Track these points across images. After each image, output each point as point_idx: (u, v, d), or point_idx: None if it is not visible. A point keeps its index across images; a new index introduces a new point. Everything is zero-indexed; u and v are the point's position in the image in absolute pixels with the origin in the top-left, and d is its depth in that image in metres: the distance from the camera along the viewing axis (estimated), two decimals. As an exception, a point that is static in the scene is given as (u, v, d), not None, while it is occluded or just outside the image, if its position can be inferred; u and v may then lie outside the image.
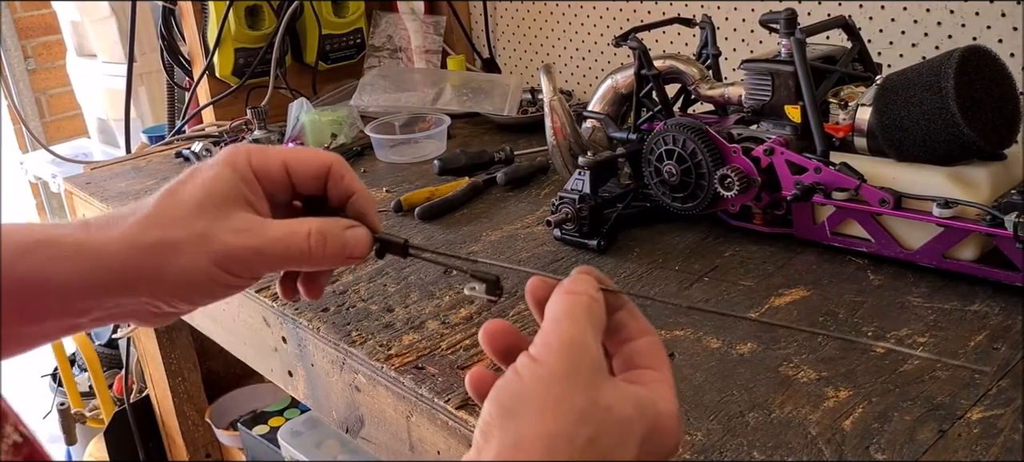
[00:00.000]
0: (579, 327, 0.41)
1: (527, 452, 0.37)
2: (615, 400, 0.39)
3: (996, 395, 0.58)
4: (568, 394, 0.38)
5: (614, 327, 0.44)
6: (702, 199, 0.83)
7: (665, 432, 0.41)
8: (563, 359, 0.39)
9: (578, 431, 0.38)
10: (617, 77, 0.96)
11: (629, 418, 0.39)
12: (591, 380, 0.39)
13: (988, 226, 0.68)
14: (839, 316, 0.69)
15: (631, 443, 0.39)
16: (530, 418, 0.38)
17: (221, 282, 0.48)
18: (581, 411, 0.38)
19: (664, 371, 0.43)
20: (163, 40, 1.49)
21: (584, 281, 0.43)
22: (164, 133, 1.59)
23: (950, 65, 0.70)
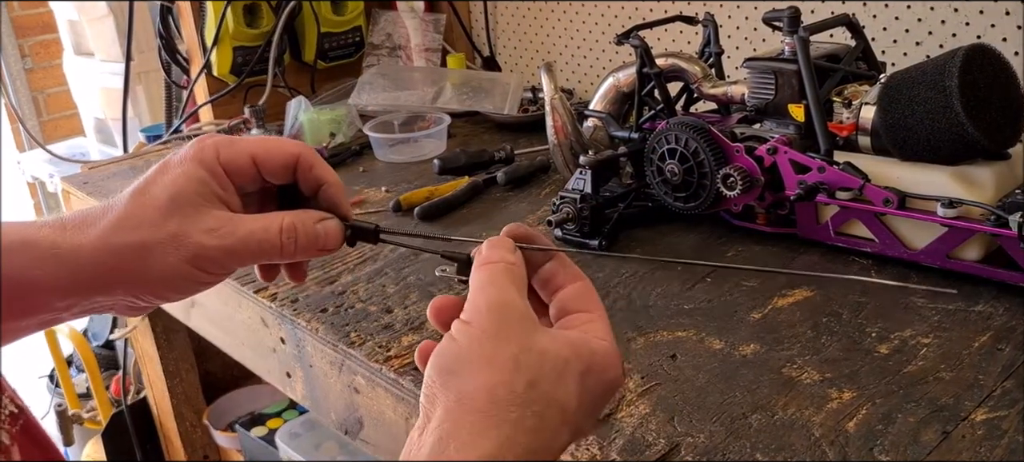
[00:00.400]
0: (501, 288, 0.43)
1: (470, 405, 0.39)
2: (548, 344, 0.42)
3: (1000, 396, 0.57)
4: (502, 346, 0.41)
5: (544, 278, 0.47)
6: (704, 199, 0.83)
7: (604, 367, 0.43)
8: (492, 317, 0.42)
9: (516, 378, 0.40)
10: (619, 75, 0.96)
11: (565, 358, 0.41)
12: (522, 330, 0.42)
13: (992, 226, 0.67)
14: (842, 317, 0.69)
15: (570, 381, 0.41)
16: (469, 374, 0.40)
17: (195, 280, 0.49)
18: (515, 359, 0.40)
19: (596, 311, 0.46)
20: (161, 39, 1.49)
21: (498, 247, 0.46)
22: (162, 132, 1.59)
23: (954, 63, 0.70)
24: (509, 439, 0.39)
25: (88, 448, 1.87)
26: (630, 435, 0.57)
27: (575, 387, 0.41)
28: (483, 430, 0.39)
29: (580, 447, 0.56)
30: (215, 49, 1.39)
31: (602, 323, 0.45)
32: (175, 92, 1.58)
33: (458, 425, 0.40)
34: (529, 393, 0.40)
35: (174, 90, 1.58)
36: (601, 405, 0.44)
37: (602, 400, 0.44)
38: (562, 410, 0.41)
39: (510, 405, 0.39)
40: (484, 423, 0.39)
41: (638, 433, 0.57)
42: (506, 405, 0.39)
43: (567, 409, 0.41)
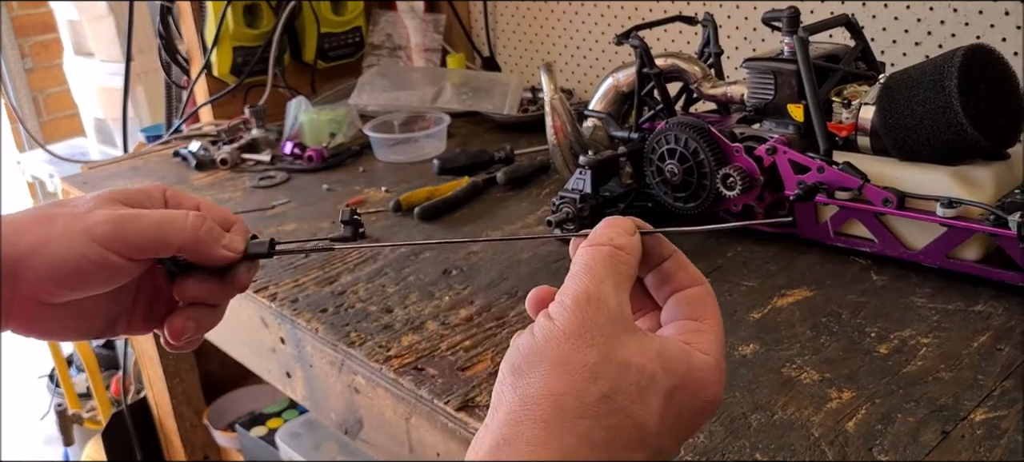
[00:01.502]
0: (596, 280, 0.39)
1: (534, 413, 0.36)
2: (634, 354, 0.37)
3: (1000, 396, 0.57)
4: (579, 350, 0.37)
5: (661, 278, 0.43)
6: (704, 199, 0.83)
7: (699, 385, 0.38)
8: (576, 315, 0.38)
9: (589, 388, 0.36)
10: (618, 75, 0.96)
11: (651, 373, 0.37)
12: (607, 334, 0.37)
13: (992, 226, 0.67)
14: (842, 317, 0.69)
15: (654, 398, 0.37)
16: (538, 377, 0.37)
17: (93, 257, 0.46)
18: (593, 367, 0.36)
19: (708, 321, 0.41)
20: (161, 39, 1.49)
21: (611, 228, 0.41)
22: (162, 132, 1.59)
23: (954, 64, 0.70)
24: (570, 452, 0.35)
25: (88, 448, 1.87)
26: (630, 435, 0.57)
27: (659, 405, 0.37)
28: (543, 442, 0.35)
29: (580, 447, 0.56)
30: (215, 49, 1.39)
31: (712, 335, 0.40)
32: (175, 92, 1.58)
33: (517, 433, 0.36)
34: (601, 406, 0.36)
35: (174, 90, 1.58)
36: (692, 426, 0.39)
37: (693, 421, 0.39)
38: (638, 428, 0.36)
39: (578, 417, 0.36)
40: (545, 434, 0.35)
41: (638, 433, 0.57)
42: (573, 416, 0.36)
43: (645, 428, 0.36)
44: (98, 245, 0.46)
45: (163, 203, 0.51)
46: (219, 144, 1.31)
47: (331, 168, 1.23)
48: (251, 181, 1.20)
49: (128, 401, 1.55)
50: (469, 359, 0.68)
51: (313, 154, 1.23)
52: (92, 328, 0.51)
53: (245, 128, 1.36)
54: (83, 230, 0.46)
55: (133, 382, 1.61)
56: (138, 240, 0.47)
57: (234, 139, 1.32)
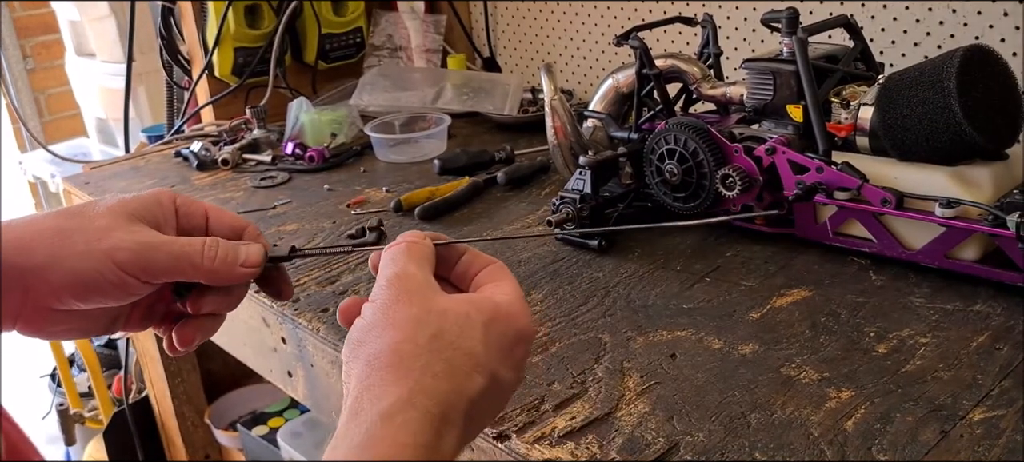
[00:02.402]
0: (400, 263, 0.47)
1: (378, 363, 0.42)
2: (448, 303, 0.45)
3: (998, 396, 0.57)
4: (402, 310, 0.44)
5: (460, 272, 0.50)
6: (704, 199, 0.83)
7: (509, 316, 0.46)
8: (392, 288, 0.45)
9: (419, 333, 0.43)
10: (618, 76, 0.96)
11: (465, 312, 0.44)
12: (421, 295, 0.45)
13: (990, 226, 0.67)
14: (841, 316, 0.69)
15: (474, 330, 0.44)
16: (374, 340, 0.43)
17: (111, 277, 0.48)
18: (416, 318, 0.43)
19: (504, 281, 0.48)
20: (162, 39, 1.49)
21: (403, 235, 0.50)
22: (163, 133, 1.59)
23: (952, 64, 0.70)
24: (419, 384, 0.41)
25: (90, 447, 1.87)
26: (629, 434, 0.57)
27: (480, 334, 0.44)
28: (394, 380, 0.41)
29: (580, 445, 0.56)
30: (216, 50, 1.39)
31: (508, 284, 0.48)
32: (177, 93, 1.58)
33: (369, 385, 0.42)
34: (433, 343, 0.42)
35: (176, 91, 1.58)
36: (516, 352, 0.46)
37: (515, 346, 0.46)
38: (470, 355, 0.43)
39: (416, 356, 0.42)
40: (394, 375, 0.41)
41: (637, 432, 0.57)
42: (411, 357, 0.42)
43: (475, 355, 0.43)
44: (118, 268, 0.48)
45: (173, 211, 0.53)
46: (220, 144, 1.31)
47: (332, 168, 1.23)
48: (252, 181, 1.20)
49: (130, 400, 1.55)
50: (469, 359, 0.68)
51: (314, 154, 1.23)
52: (93, 328, 0.53)
53: (246, 128, 1.37)
54: (103, 252, 0.48)
55: (135, 381, 1.61)
56: (157, 270, 0.50)
57: (235, 139, 1.33)
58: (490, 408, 0.45)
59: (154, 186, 1.21)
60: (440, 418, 0.41)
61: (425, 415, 0.40)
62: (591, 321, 0.72)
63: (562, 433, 0.58)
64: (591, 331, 0.70)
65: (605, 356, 0.67)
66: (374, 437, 0.39)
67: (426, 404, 0.40)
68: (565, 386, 0.63)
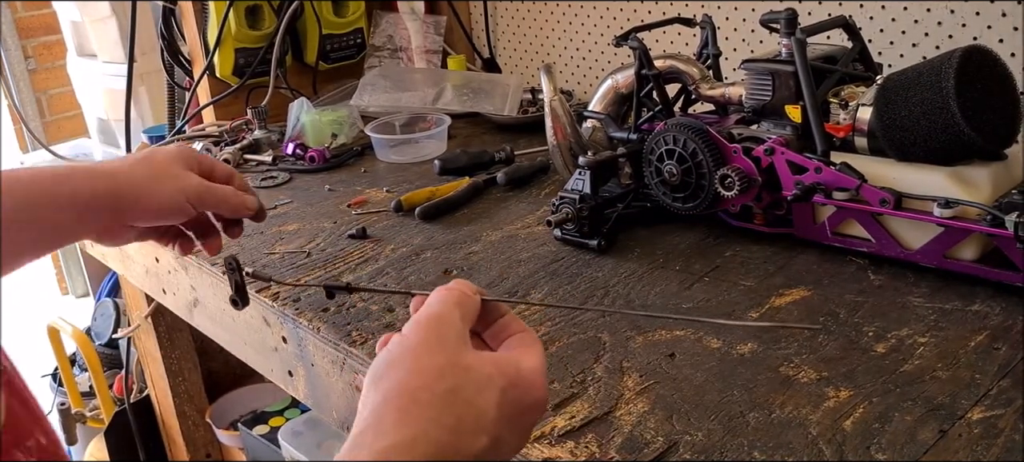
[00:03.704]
0: (445, 307, 0.48)
1: (393, 403, 0.43)
2: (474, 361, 0.46)
3: (997, 395, 0.58)
4: (428, 356, 0.45)
5: (497, 329, 0.51)
6: (703, 199, 0.83)
7: (528, 385, 0.46)
8: (427, 330, 0.46)
9: (437, 384, 0.44)
10: (617, 77, 0.96)
11: (488, 374, 0.45)
12: (452, 346, 0.46)
13: (989, 226, 0.68)
14: (840, 316, 0.69)
15: (491, 394, 0.44)
16: (395, 378, 0.44)
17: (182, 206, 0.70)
18: (440, 368, 0.44)
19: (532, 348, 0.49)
20: (163, 40, 1.49)
21: (459, 283, 0.51)
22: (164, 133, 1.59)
23: (951, 65, 0.70)
24: (424, 433, 0.42)
25: (91, 447, 1.88)
26: (629, 433, 0.57)
27: (495, 398, 0.44)
28: (401, 423, 0.42)
29: (579, 445, 0.57)
30: (217, 50, 1.40)
31: (535, 354, 0.49)
32: (178, 93, 1.59)
33: (379, 418, 0.43)
34: (449, 397, 0.43)
35: (177, 91, 1.59)
36: (526, 419, 0.47)
37: (525, 415, 0.47)
38: (480, 416, 0.44)
39: (429, 405, 0.43)
40: (403, 418, 0.43)
41: (637, 431, 0.57)
42: (425, 405, 0.43)
43: (486, 417, 0.44)
44: (186, 201, 0.70)
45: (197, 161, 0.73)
46: (222, 145, 1.32)
47: (333, 169, 1.23)
48: (253, 181, 1.20)
49: (131, 400, 1.55)
50: (469, 358, 0.68)
51: (315, 155, 1.24)
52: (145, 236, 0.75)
53: (247, 129, 1.37)
54: (180, 190, 0.70)
55: (136, 381, 1.62)
56: (207, 204, 0.72)
57: (236, 140, 1.33)
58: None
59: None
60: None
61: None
62: (591, 321, 0.72)
63: (562, 432, 0.58)
64: (591, 331, 0.71)
65: (604, 355, 0.67)
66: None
67: (426, 452, 0.42)
68: (565, 385, 0.63)
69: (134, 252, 1.12)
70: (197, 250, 0.78)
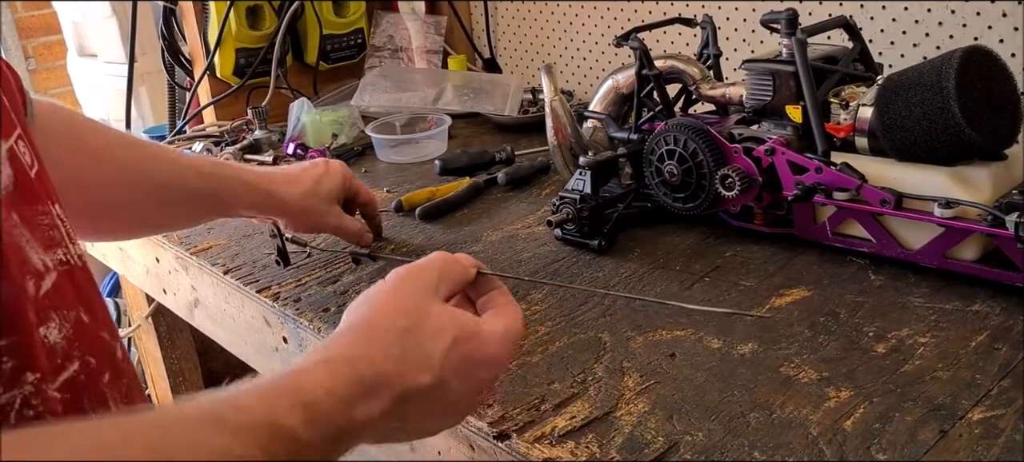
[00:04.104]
0: (427, 263, 0.53)
1: (352, 328, 0.49)
2: (435, 310, 0.50)
3: (997, 395, 0.58)
4: (395, 298, 0.50)
5: (486, 300, 0.55)
6: (703, 199, 0.83)
7: (483, 342, 0.50)
8: (402, 279, 0.52)
9: (396, 321, 0.48)
10: (618, 77, 0.96)
11: (445, 324, 0.50)
12: (418, 295, 0.51)
13: (989, 226, 0.68)
14: (840, 316, 0.69)
15: (442, 341, 0.49)
16: (362, 311, 0.50)
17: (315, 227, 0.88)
18: (402, 309, 0.49)
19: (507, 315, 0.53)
20: (164, 40, 1.49)
21: (461, 255, 0.56)
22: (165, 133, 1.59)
23: (951, 65, 0.70)
24: (366, 355, 0.46)
25: (91, 448, 1.87)
26: (629, 433, 0.57)
27: (445, 345, 0.49)
28: (350, 344, 0.48)
29: (579, 445, 0.57)
30: (218, 51, 1.40)
31: (502, 321, 0.52)
32: (178, 93, 1.59)
33: (335, 339, 0.49)
34: (403, 335, 0.48)
35: (177, 91, 1.59)
36: (478, 373, 0.50)
37: (478, 368, 0.50)
38: (428, 357, 0.48)
39: (383, 335, 0.48)
40: (353, 341, 0.48)
41: (637, 431, 0.57)
42: (380, 334, 0.48)
43: (432, 358, 0.48)
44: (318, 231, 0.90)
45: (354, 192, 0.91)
46: (222, 145, 1.32)
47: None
48: (253, 182, 1.20)
49: (131, 401, 1.55)
50: (470, 358, 0.68)
51: (315, 155, 1.24)
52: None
53: (248, 129, 1.37)
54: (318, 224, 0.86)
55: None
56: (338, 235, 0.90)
57: (237, 140, 1.33)
58: (433, 410, 0.49)
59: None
60: (370, 386, 0.45)
61: (357, 377, 0.45)
62: (591, 321, 0.72)
63: (562, 432, 0.58)
64: (591, 331, 0.71)
65: (605, 356, 0.67)
66: (303, 370, 0.44)
67: (363, 370, 0.45)
68: (565, 386, 0.63)
69: (134, 252, 1.12)
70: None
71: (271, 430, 0.39)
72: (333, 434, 0.43)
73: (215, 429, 0.38)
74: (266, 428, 0.39)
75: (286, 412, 0.40)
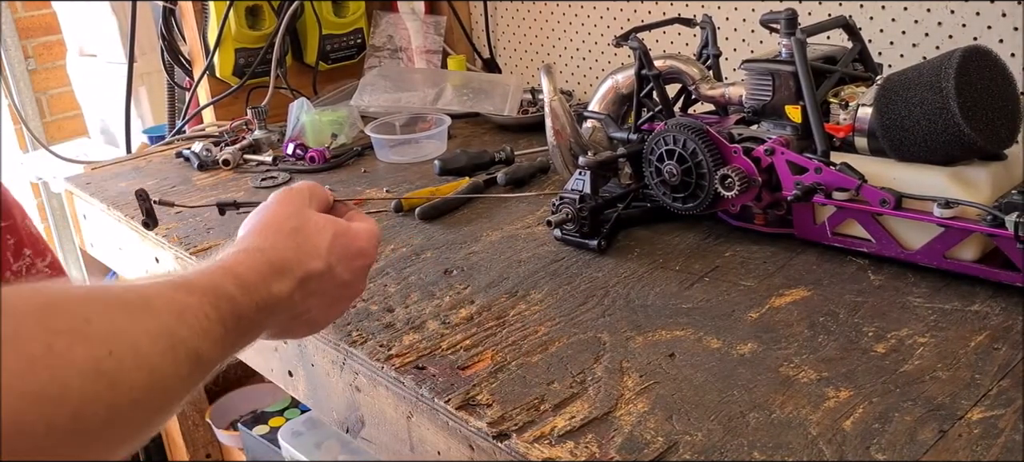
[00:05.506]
0: (298, 186, 0.65)
1: (250, 232, 0.60)
2: (314, 215, 0.62)
3: (997, 395, 0.58)
4: (280, 207, 0.62)
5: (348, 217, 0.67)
6: (703, 199, 0.83)
7: (355, 236, 0.63)
8: (281, 195, 0.63)
9: (285, 222, 0.60)
10: (617, 77, 0.96)
11: (323, 224, 0.62)
12: (299, 203, 0.62)
13: (989, 226, 0.68)
14: (840, 316, 0.69)
15: (325, 235, 0.61)
16: (256, 219, 0.61)
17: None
18: (288, 214, 0.61)
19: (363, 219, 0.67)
20: (163, 40, 1.49)
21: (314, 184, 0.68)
22: (164, 133, 1.59)
23: (951, 65, 0.70)
24: (273, 245, 0.58)
25: (91, 448, 1.87)
26: (628, 433, 0.57)
27: (328, 238, 0.61)
28: (257, 238, 0.58)
29: (579, 445, 0.57)
30: (217, 51, 1.40)
31: (367, 224, 0.65)
32: (178, 93, 1.59)
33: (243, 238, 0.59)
34: (293, 233, 0.59)
35: (177, 91, 1.59)
36: (356, 262, 0.63)
37: (355, 258, 0.63)
38: (316, 247, 0.60)
39: (275, 233, 0.59)
40: (257, 236, 0.58)
41: (636, 431, 0.57)
42: (271, 232, 0.59)
43: (320, 248, 0.60)
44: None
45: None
46: (222, 145, 1.32)
47: (333, 169, 1.23)
48: (253, 182, 1.20)
49: (131, 401, 1.55)
50: (469, 358, 0.68)
51: (315, 155, 1.24)
52: None
53: (247, 129, 1.37)
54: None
55: (136, 382, 1.61)
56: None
57: (236, 140, 1.33)
58: (326, 293, 0.61)
59: (156, 187, 1.21)
60: (278, 268, 0.56)
61: (268, 261, 0.56)
62: (590, 321, 0.72)
63: (561, 432, 0.58)
64: (590, 331, 0.71)
65: (604, 356, 0.67)
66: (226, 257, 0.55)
67: (272, 257, 0.56)
68: (564, 386, 0.63)
69: (134, 252, 1.12)
70: None
71: (216, 292, 0.50)
72: (260, 303, 0.54)
73: (174, 289, 0.48)
74: (213, 290, 0.50)
75: (222, 280, 0.52)
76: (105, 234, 1.20)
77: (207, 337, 0.48)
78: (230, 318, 0.51)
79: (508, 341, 0.70)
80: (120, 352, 0.41)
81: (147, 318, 0.45)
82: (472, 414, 0.61)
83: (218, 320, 0.49)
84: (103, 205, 1.17)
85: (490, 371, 0.66)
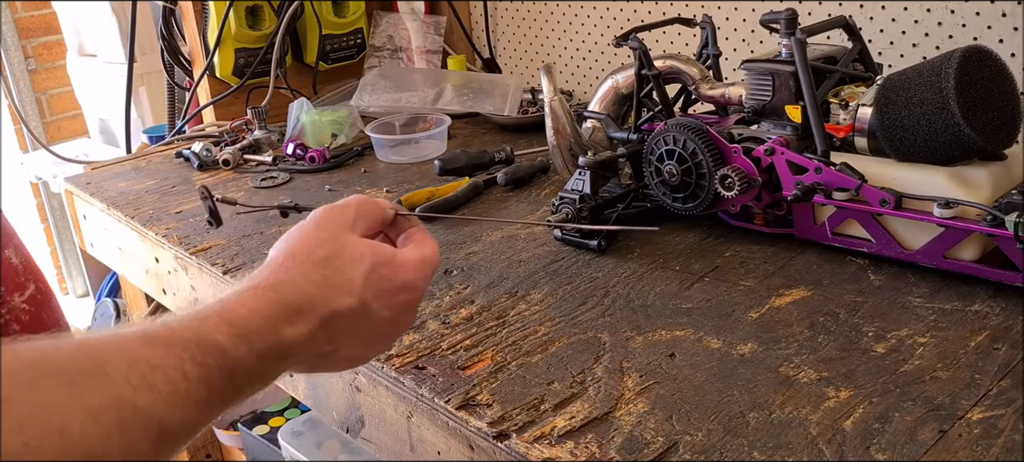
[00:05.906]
0: (344, 203, 0.57)
1: (274, 261, 0.53)
2: (351, 241, 0.54)
3: (997, 395, 0.58)
4: (315, 231, 0.54)
5: (405, 237, 0.60)
6: (702, 199, 0.83)
7: (398, 267, 0.55)
8: (319, 215, 0.56)
9: (315, 250, 0.53)
10: (617, 77, 0.96)
11: (361, 252, 0.54)
12: (335, 228, 0.55)
13: (989, 226, 0.68)
14: (840, 316, 0.69)
15: (361, 267, 0.53)
16: (283, 245, 0.54)
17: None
18: (320, 240, 0.53)
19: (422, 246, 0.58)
20: (163, 40, 1.49)
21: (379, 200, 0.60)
22: (164, 133, 1.59)
23: (951, 65, 0.70)
24: (290, 281, 0.50)
25: (91, 448, 1.87)
26: (629, 433, 0.57)
27: (365, 271, 0.53)
28: (273, 271, 0.51)
29: (579, 445, 0.57)
30: (218, 51, 1.40)
31: (421, 250, 0.57)
32: (178, 93, 1.59)
33: (261, 269, 0.52)
34: (322, 262, 0.52)
35: (177, 91, 1.59)
36: (398, 298, 0.55)
37: (397, 292, 0.54)
38: (348, 281, 0.52)
39: (303, 262, 0.52)
40: (276, 269, 0.51)
41: (636, 431, 0.57)
42: (300, 261, 0.52)
43: (353, 283, 0.52)
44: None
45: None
46: (222, 145, 1.32)
47: (333, 169, 1.23)
48: (253, 182, 1.20)
49: (131, 401, 1.55)
50: (469, 358, 0.68)
51: (315, 155, 1.24)
52: None
53: (247, 129, 1.37)
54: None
55: (136, 382, 1.61)
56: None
57: (236, 140, 1.33)
58: (358, 333, 0.53)
59: (155, 187, 1.21)
60: (294, 308, 0.49)
61: (281, 300, 0.49)
62: (590, 321, 0.72)
63: (561, 432, 0.58)
64: (590, 331, 0.71)
65: (604, 356, 0.67)
66: (229, 297, 0.48)
67: (286, 295, 0.49)
68: (564, 386, 0.63)
69: (134, 252, 1.12)
70: None
71: (201, 345, 0.44)
72: (264, 351, 0.47)
73: (145, 343, 0.42)
74: (196, 343, 0.44)
75: (212, 329, 0.45)
76: (105, 234, 1.20)
77: (181, 401, 0.41)
78: (218, 374, 0.44)
79: (508, 341, 0.70)
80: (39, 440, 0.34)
81: (93, 389, 0.37)
82: (472, 414, 0.61)
83: (200, 379, 0.43)
84: (103, 205, 1.17)
85: (490, 371, 0.66)
